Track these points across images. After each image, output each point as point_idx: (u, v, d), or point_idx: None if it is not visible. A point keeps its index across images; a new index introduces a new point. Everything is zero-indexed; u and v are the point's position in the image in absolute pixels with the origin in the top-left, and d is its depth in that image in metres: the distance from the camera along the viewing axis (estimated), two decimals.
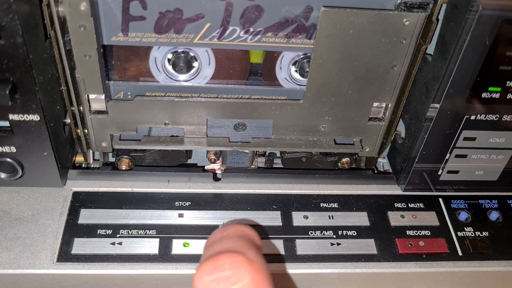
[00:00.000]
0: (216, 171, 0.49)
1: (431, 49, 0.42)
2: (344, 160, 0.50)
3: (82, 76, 0.40)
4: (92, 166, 0.50)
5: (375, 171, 0.52)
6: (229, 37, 0.40)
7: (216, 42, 0.40)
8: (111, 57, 0.42)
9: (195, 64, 0.43)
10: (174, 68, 0.43)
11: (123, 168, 0.48)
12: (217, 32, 0.39)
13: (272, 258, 0.43)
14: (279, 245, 0.43)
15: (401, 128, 0.49)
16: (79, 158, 0.49)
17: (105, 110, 0.43)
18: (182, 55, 0.42)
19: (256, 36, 0.40)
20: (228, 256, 0.28)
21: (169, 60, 0.43)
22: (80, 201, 0.45)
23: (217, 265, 0.28)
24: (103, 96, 0.42)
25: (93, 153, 0.51)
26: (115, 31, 0.39)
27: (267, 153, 0.51)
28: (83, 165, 0.50)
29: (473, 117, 0.42)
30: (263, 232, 0.44)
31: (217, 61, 0.43)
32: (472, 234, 0.46)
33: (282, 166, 0.51)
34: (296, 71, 0.44)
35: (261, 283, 0.27)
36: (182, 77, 0.43)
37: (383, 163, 0.55)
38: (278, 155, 0.52)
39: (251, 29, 0.39)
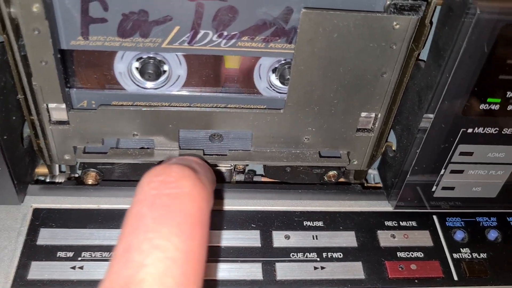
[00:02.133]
0: None
1: (424, 54, 0.38)
2: (330, 173, 0.46)
3: (39, 84, 0.37)
4: (57, 180, 0.46)
5: (365, 185, 0.49)
6: (201, 41, 0.36)
7: (186, 47, 0.36)
8: (71, 63, 0.38)
9: (165, 70, 0.39)
10: (142, 75, 0.39)
11: (89, 183, 0.44)
12: (188, 36, 0.36)
13: (247, 284, 0.39)
14: (256, 269, 0.40)
15: (392, 139, 0.45)
16: (43, 170, 0.46)
17: (67, 120, 0.39)
18: (151, 61, 0.39)
19: (231, 40, 0.36)
20: (180, 167, 0.29)
21: (136, 68, 0.39)
22: (41, 219, 0.41)
23: (166, 170, 0.29)
24: (63, 105, 0.38)
25: (59, 165, 0.47)
26: (74, 34, 0.35)
27: (246, 170, 0.47)
28: (47, 179, 0.46)
29: (470, 130, 0.38)
30: (240, 253, 0.40)
31: (189, 67, 0.39)
32: (468, 255, 0.43)
33: (261, 180, 0.47)
34: (276, 78, 0.40)
35: (198, 200, 0.28)
36: (151, 84, 0.40)
37: (373, 174, 0.51)
38: (258, 172, 0.48)
39: (225, 33, 0.36)
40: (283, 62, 0.40)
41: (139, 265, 0.24)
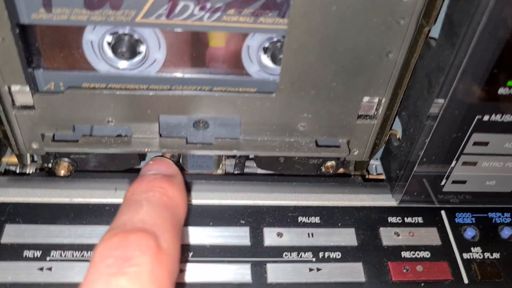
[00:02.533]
0: None
1: (435, 31, 0.34)
2: (329, 164, 0.42)
3: None
4: (28, 170, 0.42)
5: (366, 176, 0.44)
6: (180, 15, 0.32)
7: (164, 21, 0.32)
8: (35, 39, 0.34)
9: (142, 48, 0.35)
10: (114, 52, 0.34)
11: (61, 174, 0.39)
12: (165, 9, 0.31)
13: (236, 287, 0.35)
14: (245, 270, 0.36)
15: (397, 127, 0.41)
16: (12, 160, 0.41)
17: (32, 105, 0.35)
18: (125, 37, 0.34)
19: (215, 13, 0.32)
20: (139, 237, 0.27)
21: (108, 43, 0.34)
22: (6, 214, 0.37)
23: (124, 243, 0.27)
24: (27, 88, 0.34)
25: (31, 154, 0.43)
26: (35, 6, 0.31)
27: (237, 155, 0.43)
28: (17, 169, 0.42)
29: (486, 118, 0.34)
30: (227, 253, 0.36)
31: (168, 45, 0.34)
32: (480, 256, 0.39)
33: (253, 171, 0.43)
34: (267, 58, 0.36)
35: (160, 276, 0.26)
36: (126, 64, 0.35)
37: (376, 165, 0.47)
38: (251, 156, 0.44)
39: (208, 5, 0.31)
40: (275, 39, 0.35)
41: None
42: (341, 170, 0.44)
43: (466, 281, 0.37)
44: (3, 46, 0.31)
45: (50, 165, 0.40)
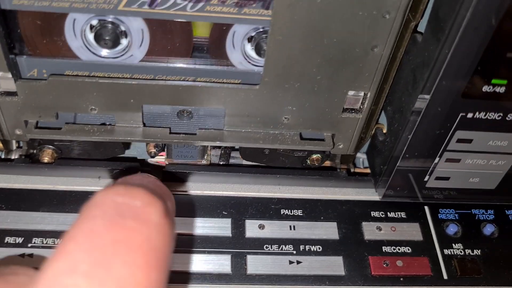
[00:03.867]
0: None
1: (422, 26, 0.33)
2: (314, 156, 0.42)
3: None
4: (13, 156, 0.42)
5: (352, 170, 0.44)
6: (163, 4, 0.31)
7: (147, 10, 0.31)
8: (16, 25, 0.33)
9: (125, 37, 0.34)
10: (97, 41, 0.34)
11: (45, 161, 0.39)
12: None
13: (214, 278, 0.35)
14: (225, 261, 0.36)
15: (384, 121, 0.41)
16: None
17: (15, 91, 0.35)
18: (108, 25, 0.34)
19: (198, 3, 0.31)
20: (146, 191, 0.23)
21: (92, 27, 0.34)
22: None
23: (130, 191, 0.23)
24: (9, 74, 0.34)
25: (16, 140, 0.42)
26: None
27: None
28: (2, 155, 0.42)
29: (470, 115, 0.33)
30: (208, 243, 0.36)
31: (151, 34, 0.34)
32: (461, 252, 0.39)
33: (239, 162, 0.43)
34: (252, 48, 0.35)
35: (166, 234, 0.22)
36: (109, 52, 0.35)
37: (363, 158, 0.46)
38: (237, 147, 0.44)
39: None
40: (260, 30, 0.35)
41: None
42: (327, 163, 0.44)
43: (445, 276, 0.37)
44: None
45: (35, 151, 0.40)
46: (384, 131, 0.40)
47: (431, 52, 0.32)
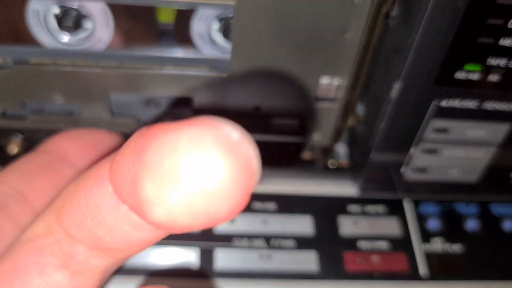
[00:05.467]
0: None
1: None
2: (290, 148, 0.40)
3: None
4: None
5: (331, 162, 0.43)
6: None
7: None
8: None
9: (89, 23, 0.33)
10: (60, 26, 0.33)
11: (15, 152, 0.39)
12: None
13: (181, 273, 0.34)
14: (192, 255, 0.35)
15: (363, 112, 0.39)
16: None
17: None
18: (71, 10, 0.33)
19: None
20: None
21: (56, 15, 0.33)
22: None
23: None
24: None
25: None
26: None
27: None
28: None
29: (444, 103, 0.32)
30: (174, 236, 0.35)
31: (116, 20, 0.33)
32: (440, 247, 0.37)
33: None
34: (219, 34, 0.34)
35: None
36: (71, 38, 0.34)
37: (346, 151, 0.45)
38: None
39: None
40: (228, 16, 0.33)
41: None
42: (306, 156, 0.43)
43: (421, 272, 0.36)
44: None
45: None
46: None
47: (401, 37, 0.30)
